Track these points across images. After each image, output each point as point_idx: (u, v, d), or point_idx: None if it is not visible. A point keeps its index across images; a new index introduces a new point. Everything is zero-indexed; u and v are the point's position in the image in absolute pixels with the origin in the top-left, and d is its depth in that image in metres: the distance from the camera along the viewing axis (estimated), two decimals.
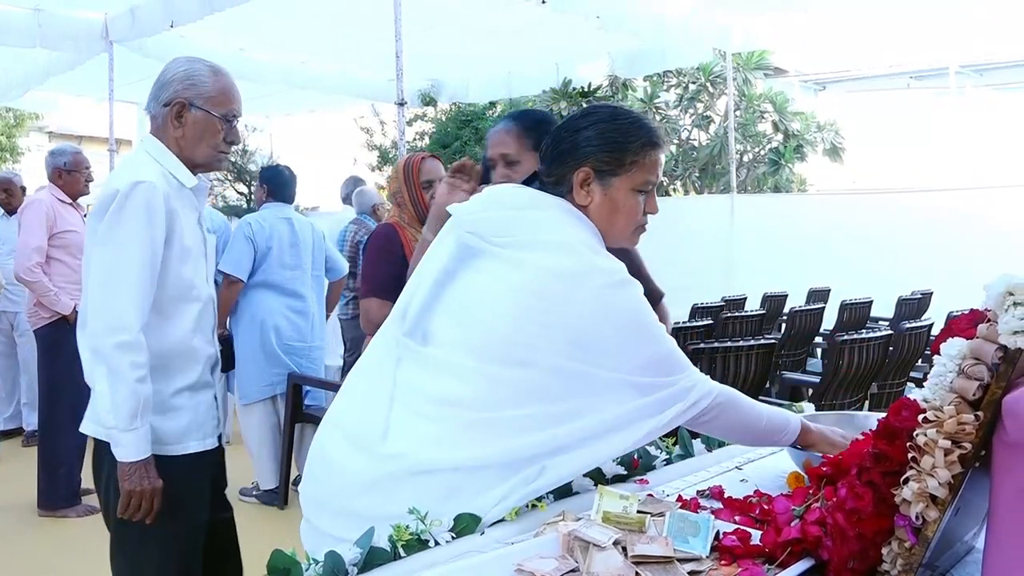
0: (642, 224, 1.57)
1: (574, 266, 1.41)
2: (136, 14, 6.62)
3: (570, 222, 1.48)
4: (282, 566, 1.07)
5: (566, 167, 1.52)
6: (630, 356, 1.41)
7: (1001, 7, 7.55)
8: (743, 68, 11.43)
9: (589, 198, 1.52)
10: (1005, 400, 0.91)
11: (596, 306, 1.40)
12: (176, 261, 2.00)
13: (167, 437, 2.02)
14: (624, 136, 1.51)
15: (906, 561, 0.99)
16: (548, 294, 1.39)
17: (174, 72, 2.07)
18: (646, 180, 1.53)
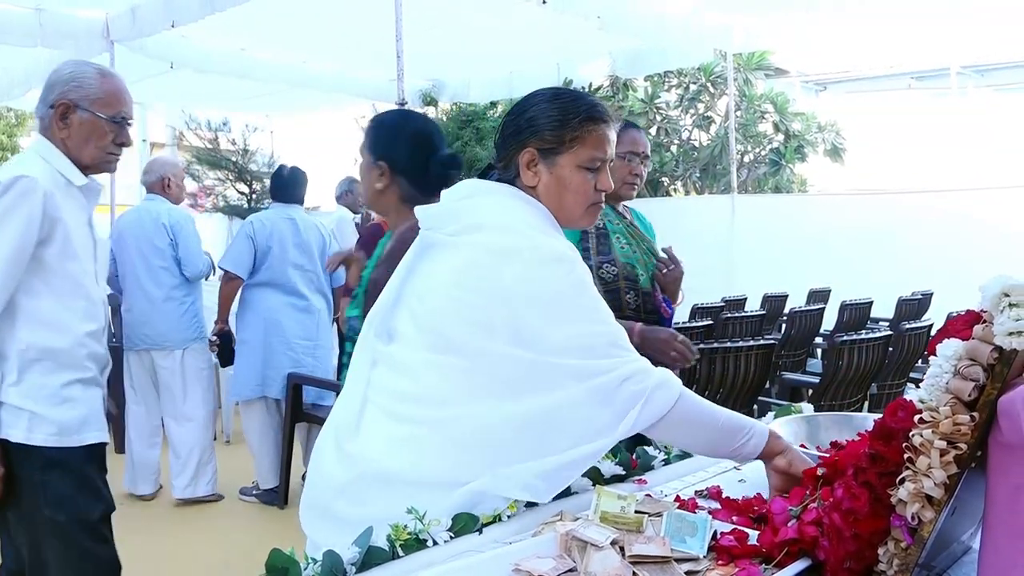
0: (596, 202, 1.56)
1: (505, 243, 1.42)
2: (137, 13, 6.62)
3: (513, 205, 1.50)
4: (280, 565, 1.07)
5: (511, 150, 1.55)
6: (555, 333, 1.37)
7: (1002, 8, 7.54)
8: (744, 68, 11.42)
9: (536, 179, 1.53)
10: (1000, 401, 0.92)
11: (523, 281, 1.39)
12: (60, 257, 2.03)
13: (65, 427, 2.05)
14: (564, 113, 1.52)
15: (902, 561, 1.00)
16: (479, 273, 1.41)
17: (60, 74, 2.10)
18: (592, 156, 1.52)
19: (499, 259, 1.40)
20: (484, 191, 1.55)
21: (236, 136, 11.84)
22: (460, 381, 1.39)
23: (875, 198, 9.24)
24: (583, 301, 1.42)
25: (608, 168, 1.57)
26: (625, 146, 2.49)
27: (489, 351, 1.38)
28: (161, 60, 7.58)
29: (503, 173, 1.57)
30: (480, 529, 1.28)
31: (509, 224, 1.46)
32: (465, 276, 1.42)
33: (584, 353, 1.37)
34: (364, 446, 1.40)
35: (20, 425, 2.00)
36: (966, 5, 7.39)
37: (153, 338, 4.44)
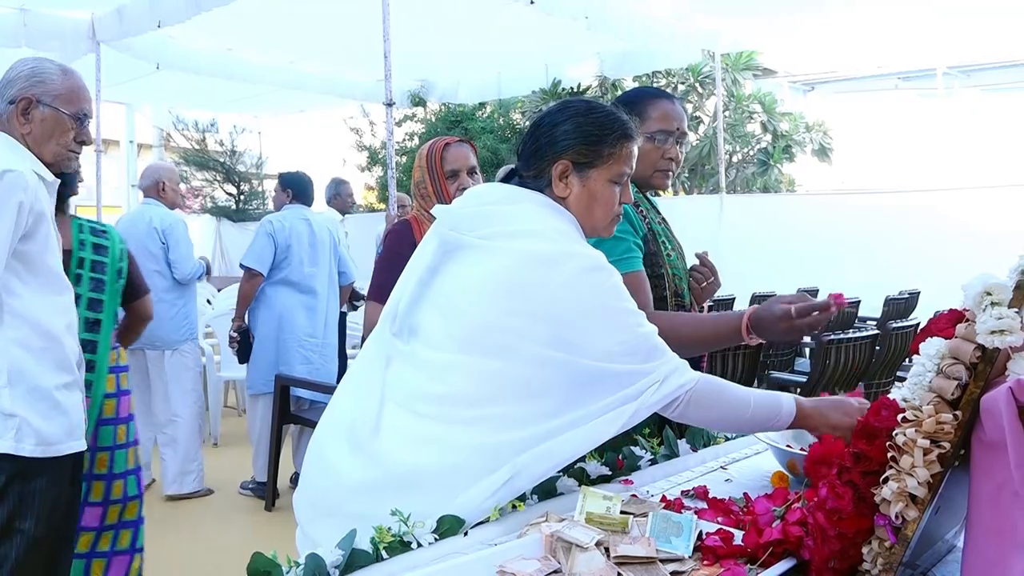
0: (618, 214, 1.60)
1: (549, 251, 1.43)
2: (123, 14, 6.58)
3: (547, 213, 1.51)
4: (263, 569, 1.06)
5: (544, 161, 1.56)
6: (604, 340, 1.40)
7: (988, 9, 7.59)
8: (732, 69, 11.44)
9: (568, 190, 1.55)
10: (983, 399, 0.92)
11: (569, 289, 1.41)
12: (42, 252, 2.02)
13: (52, 436, 2.01)
14: (600, 129, 1.55)
15: (886, 560, 1.00)
16: (523, 279, 1.42)
17: (20, 69, 2.07)
18: (621, 171, 1.57)
19: (544, 266, 1.42)
20: (518, 198, 1.55)
21: (224, 137, 11.81)
22: (491, 382, 1.40)
23: (862, 198, 9.28)
24: (625, 305, 1.45)
25: (629, 182, 1.61)
26: (655, 123, 2.03)
27: (527, 354, 1.40)
28: (148, 61, 7.54)
29: (535, 182, 1.58)
30: (465, 531, 1.27)
31: (545, 232, 1.47)
32: (508, 281, 1.42)
33: (632, 357, 1.41)
34: (387, 445, 1.39)
35: (7, 435, 1.95)
36: (953, 6, 7.43)
37: (145, 337, 4.47)
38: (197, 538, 4.09)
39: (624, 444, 1.69)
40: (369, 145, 15.10)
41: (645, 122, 2.00)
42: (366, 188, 16.26)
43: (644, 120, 2.00)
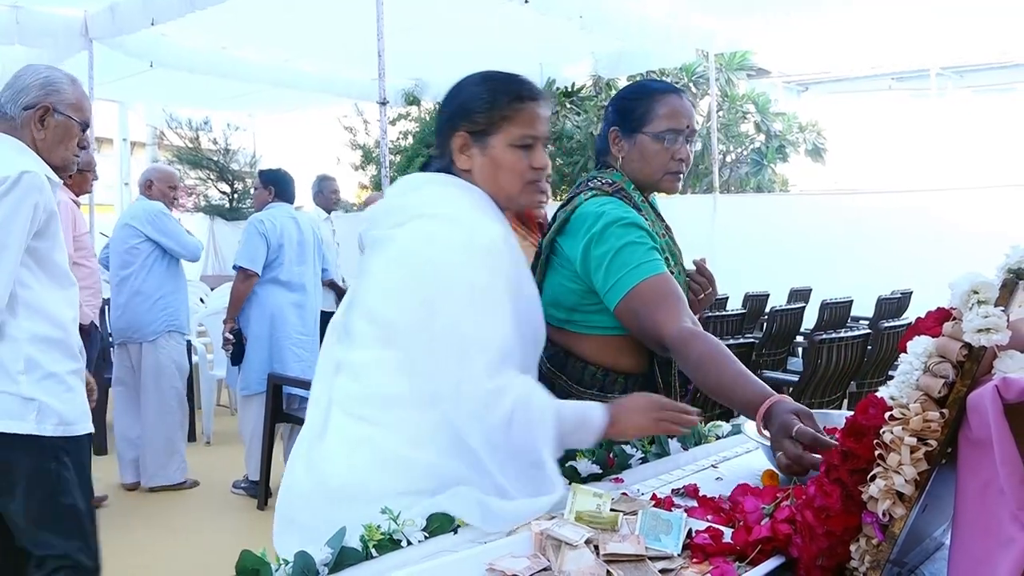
0: (533, 180, 1.56)
1: (438, 229, 1.44)
2: (116, 11, 6.57)
3: (450, 192, 1.51)
4: (251, 567, 1.06)
5: (444, 136, 1.56)
6: (465, 323, 1.38)
7: (982, 10, 7.61)
8: (726, 69, 11.47)
9: (470, 162, 1.54)
10: (970, 397, 0.92)
11: (446, 265, 1.41)
12: (52, 250, 2.15)
13: (70, 415, 2.16)
14: (492, 94, 1.53)
15: (874, 558, 1.00)
16: (412, 258, 1.44)
17: (34, 77, 2.19)
18: (523, 135, 1.53)
19: (429, 243, 1.42)
20: (421, 183, 1.56)
21: (217, 135, 11.77)
22: (402, 380, 1.41)
23: (856, 198, 9.31)
24: (493, 298, 1.40)
25: (542, 146, 1.56)
26: (663, 121, 1.87)
27: (422, 340, 1.40)
28: (141, 59, 7.53)
29: (439, 161, 1.58)
30: (455, 529, 1.27)
31: (446, 211, 1.47)
32: (400, 261, 1.44)
33: (481, 353, 1.37)
34: (326, 452, 1.42)
35: (30, 417, 2.07)
36: (946, 7, 7.45)
37: (127, 332, 4.66)
38: (189, 536, 4.09)
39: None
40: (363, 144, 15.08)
41: (652, 121, 1.87)
42: (360, 187, 16.24)
43: (651, 119, 1.88)
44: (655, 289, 1.70)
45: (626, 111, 1.92)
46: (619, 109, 1.95)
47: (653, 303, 1.69)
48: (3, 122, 2.16)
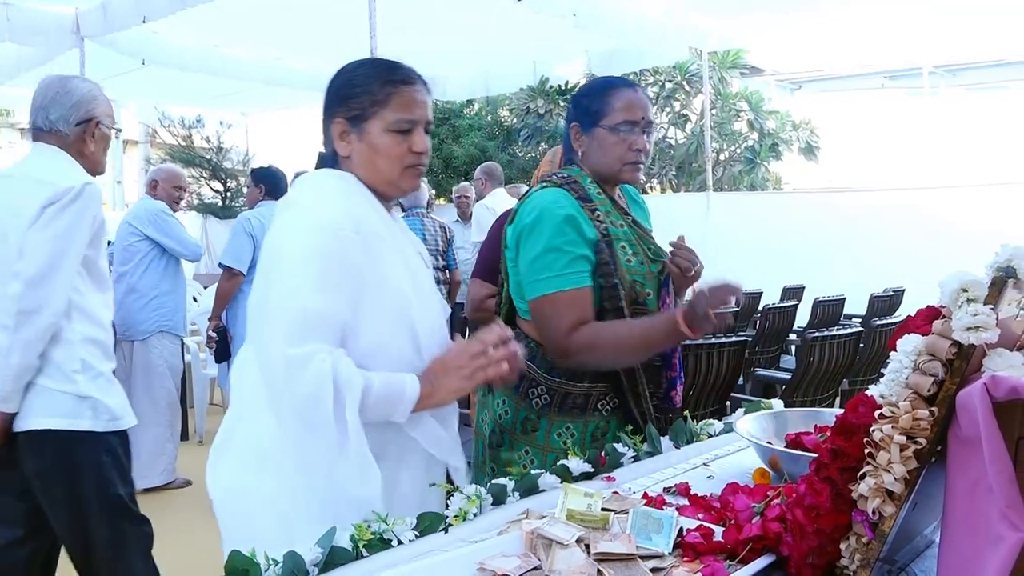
0: (413, 164, 1.55)
1: (282, 221, 1.48)
2: (107, 9, 6.54)
3: (318, 185, 1.53)
4: (240, 567, 1.06)
5: (325, 124, 1.57)
6: (273, 296, 1.41)
7: (974, 8, 7.63)
8: (719, 67, 11.48)
9: (349, 148, 1.54)
10: (959, 395, 0.92)
11: (274, 250, 1.45)
12: (98, 256, 2.31)
13: (118, 411, 2.34)
14: (365, 78, 1.53)
15: (864, 556, 1.00)
16: (262, 261, 1.48)
17: (81, 93, 2.33)
18: (399, 119, 1.52)
19: (275, 233, 1.47)
20: (301, 180, 1.60)
21: (210, 133, 11.73)
22: (254, 387, 1.46)
23: (849, 196, 9.32)
24: (310, 271, 1.39)
25: (422, 130, 1.55)
26: (619, 114, 1.92)
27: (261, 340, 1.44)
28: (133, 56, 7.50)
29: (325, 151, 1.59)
30: (446, 528, 1.27)
31: (300, 200, 1.51)
32: (259, 268, 1.49)
33: (288, 326, 1.37)
34: (225, 452, 1.54)
35: (87, 413, 2.24)
36: (939, 6, 7.47)
37: (120, 329, 4.66)
38: (180, 536, 4.07)
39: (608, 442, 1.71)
40: None
41: (609, 114, 1.93)
42: None
43: (607, 112, 1.93)
44: (569, 302, 1.81)
45: (584, 107, 1.98)
46: (578, 106, 2.00)
47: (564, 314, 1.80)
48: (53, 137, 2.30)
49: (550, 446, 1.91)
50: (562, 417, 1.91)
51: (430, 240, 5.62)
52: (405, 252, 1.58)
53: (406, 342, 1.49)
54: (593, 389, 1.91)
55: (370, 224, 1.49)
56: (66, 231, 2.17)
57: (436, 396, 1.48)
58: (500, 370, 1.51)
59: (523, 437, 1.94)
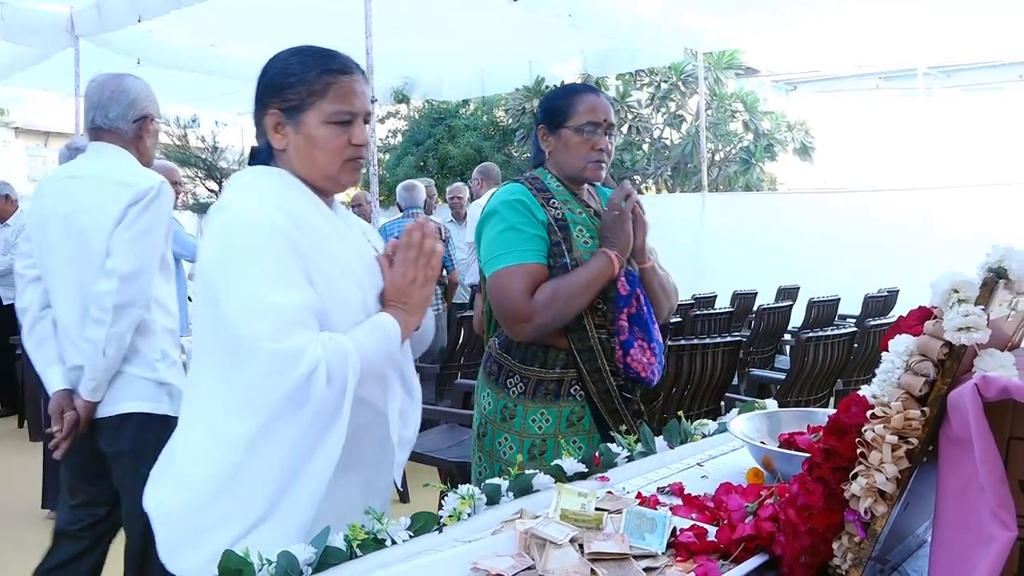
0: (353, 157, 1.50)
1: (215, 226, 1.41)
2: (102, 8, 6.54)
3: (240, 190, 1.48)
4: (234, 567, 1.06)
5: (258, 116, 1.51)
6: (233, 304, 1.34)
7: (968, 10, 7.66)
8: (714, 68, 11.50)
9: (284, 140, 1.48)
10: (950, 396, 0.92)
11: (209, 252, 1.40)
12: (167, 250, 2.42)
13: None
14: (302, 68, 1.46)
15: (856, 555, 1.00)
16: (200, 266, 1.43)
17: (136, 91, 2.41)
18: (338, 110, 1.46)
19: (209, 238, 1.41)
20: (229, 184, 1.54)
21: (205, 133, 11.73)
22: (203, 397, 1.43)
23: (843, 196, 9.35)
24: (268, 264, 1.35)
25: (362, 122, 1.50)
26: (582, 116, 2.07)
27: (197, 339, 1.44)
28: (128, 56, 7.49)
29: (259, 143, 1.53)
30: (440, 528, 1.27)
31: (231, 203, 1.43)
32: (199, 268, 1.43)
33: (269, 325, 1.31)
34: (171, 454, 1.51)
35: (164, 399, 2.36)
36: (933, 7, 7.49)
37: None
38: None
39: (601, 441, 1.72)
40: None
41: (573, 116, 2.07)
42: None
43: (572, 115, 2.08)
44: (525, 272, 1.97)
45: (551, 110, 2.13)
46: (545, 109, 2.16)
47: (521, 281, 1.96)
48: (113, 135, 2.38)
49: (526, 432, 2.04)
50: (536, 404, 2.04)
51: None
52: (347, 238, 1.53)
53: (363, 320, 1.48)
54: (564, 375, 2.04)
55: (308, 219, 1.43)
56: (150, 229, 2.29)
57: (411, 314, 1.49)
58: (439, 252, 1.52)
59: (502, 425, 2.07)
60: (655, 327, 2.10)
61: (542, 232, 2.01)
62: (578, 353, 2.02)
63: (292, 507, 1.36)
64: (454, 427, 3.92)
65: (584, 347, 2.03)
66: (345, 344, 1.36)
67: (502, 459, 2.07)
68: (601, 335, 2.05)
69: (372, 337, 1.42)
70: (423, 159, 13.05)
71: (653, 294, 2.13)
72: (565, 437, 2.03)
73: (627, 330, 2.05)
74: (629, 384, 2.07)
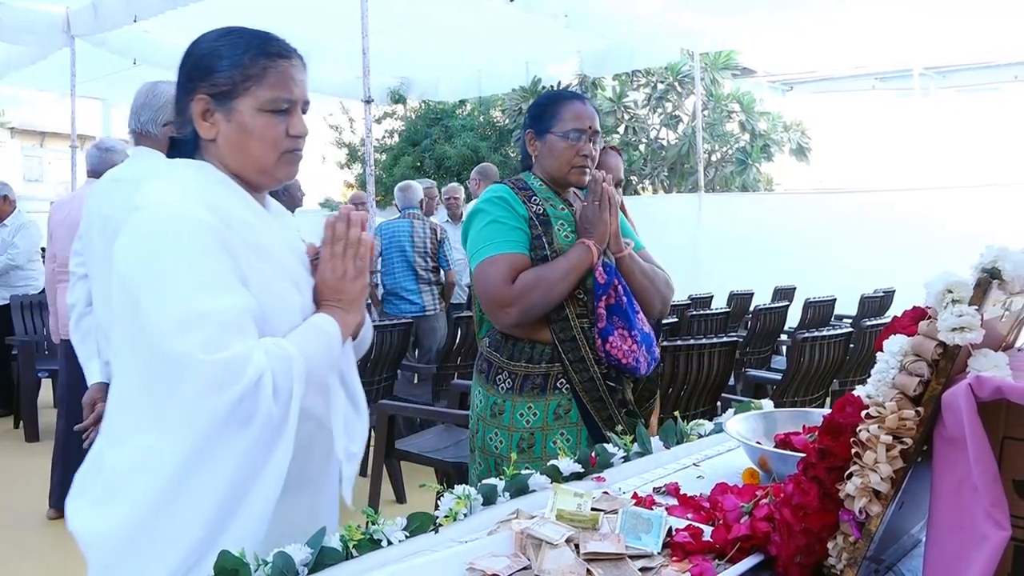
0: (291, 149, 1.38)
1: (133, 228, 1.28)
2: (98, 8, 6.53)
3: (159, 187, 1.33)
4: (230, 567, 1.06)
5: (183, 101, 1.37)
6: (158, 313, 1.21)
7: (964, 10, 7.68)
8: (711, 68, 11.52)
9: (214, 130, 1.35)
10: (944, 395, 0.93)
11: (125, 252, 1.27)
12: None
13: None
14: (235, 50, 1.35)
15: (850, 555, 1.00)
16: (118, 268, 1.29)
17: (168, 94, 2.48)
18: (275, 97, 1.34)
19: (128, 242, 1.28)
20: (148, 181, 1.35)
21: None
22: (133, 415, 1.29)
23: (839, 197, 9.37)
24: (197, 267, 1.23)
25: (300, 112, 1.39)
26: (568, 123, 2.13)
27: (115, 346, 1.31)
28: (124, 56, 7.48)
29: (181, 130, 1.38)
30: (436, 528, 1.27)
31: (155, 203, 1.29)
32: (116, 272, 1.28)
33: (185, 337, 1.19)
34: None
35: None
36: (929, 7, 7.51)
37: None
38: None
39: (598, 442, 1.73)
40: (349, 142, 15.03)
41: (559, 122, 2.13)
42: (346, 185, 16.20)
43: (558, 120, 2.14)
44: (507, 261, 2.04)
45: (538, 115, 2.19)
46: (532, 115, 2.22)
47: (503, 270, 2.03)
48: (148, 139, 2.44)
49: (515, 426, 2.09)
50: (524, 398, 2.09)
51: (418, 242, 5.60)
52: (281, 236, 1.43)
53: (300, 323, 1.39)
54: (551, 369, 2.09)
55: (238, 215, 1.31)
56: None
57: (348, 311, 1.40)
58: (367, 240, 1.42)
59: (492, 421, 2.13)
60: (638, 316, 2.13)
61: (523, 226, 2.08)
62: (560, 344, 2.07)
63: (237, 530, 1.24)
64: (450, 427, 3.92)
65: (567, 337, 2.08)
66: (288, 350, 1.27)
67: (494, 453, 2.12)
68: (583, 324, 2.09)
69: (312, 340, 1.33)
70: (420, 159, 13.05)
71: (635, 283, 2.16)
72: (553, 430, 2.07)
73: (605, 318, 2.08)
74: (614, 373, 2.11)
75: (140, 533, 1.24)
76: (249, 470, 1.25)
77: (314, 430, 1.39)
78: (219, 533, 1.24)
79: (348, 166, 15.23)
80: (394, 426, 3.96)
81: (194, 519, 1.23)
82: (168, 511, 1.23)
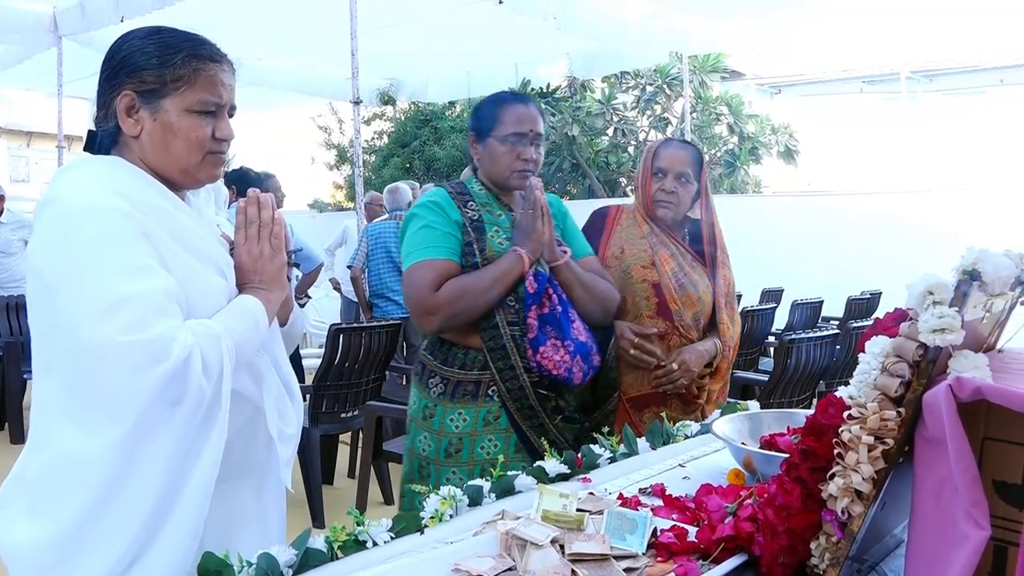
0: (215, 151, 1.39)
1: (44, 223, 1.26)
2: (85, 7, 6.49)
3: (68, 181, 1.29)
4: (214, 568, 1.05)
5: (108, 95, 1.36)
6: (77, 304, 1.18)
7: (950, 15, 7.73)
8: (699, 71, 11.54)
9: (138, 127, 1.35)
10: (925, 397, 0.94)
11: (41, 248, 1.24)
12: None
13: None
14: (164, 49, 1.35)
15: (833, 555, 1.01)
16: (33, 264, 1.27)
17: None
18: (203, 99, 1.35)
19: (41, 236, 1.25)
20: (56, 176, 1.33)
21: None
22: (52, 416, 1.26)
23: (827, 199, 9.41)
24: (111, 252, 1.21)
25: (227, 114, 1.41)
26: (509, 126, 2.08)
27: (35, 344, 1.28)
28: None
29: (103, 124, 1.38)
30: (422, 529, 1.27)
31: (64, 196, 1.26)
32: (30, 269, 1.28)
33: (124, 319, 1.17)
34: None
35: None
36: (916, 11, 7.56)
37: None
38: None
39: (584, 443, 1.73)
40: (338, 143, 15.00)
41: (499, 126, 2.09)
42: (335, 186, 16.16)
43: (498, 124, 2.10)
44: (435, 267, 2.02)
45: (480, 118, 2.15)
46: (475, 117, 2.18)
47: (429, 275, 2.01)
48: None
49: (444, 431, 2.07)
50: (455, 404, 2.06)
51: None
52: (202, 223, 1.42)
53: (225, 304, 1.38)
54: (482, 376, 2.06)
55: (154, 204, 1.30)
56: None
57: (270, 290, 1.41)
58: (280, 220, 1.46)
59: (423, 424, 2.11)
60: (573, 326, 2.07)
61: (455, 231, 2.06)
62: (490, 352, 2.04)
63: (178, 521, 1.22)
64: None
65: (496, 345, 2.03)
66: (214, 328, 1.26)
67: (421, 455, 2.10)
68: (514, 332, 2.04)
69: (237, 319, 1.32)
70: (409, 161, 13.04)
71: (573, 292, 2.11)
72: (481, 436, 2.05)
73: (537, 328, 2.03)
74: (546, 381, 2.05)
75: (69, 543, 1.20)
76: (184, 456, 1.22)
77: (253, 414, 1.40)
78: (159, 525, 1.21)
79: (337, 167, 15.20)
80: (382, 427, 3.94)
81: (129, 518, 1.20)
82: (99, 515, 1.20)
